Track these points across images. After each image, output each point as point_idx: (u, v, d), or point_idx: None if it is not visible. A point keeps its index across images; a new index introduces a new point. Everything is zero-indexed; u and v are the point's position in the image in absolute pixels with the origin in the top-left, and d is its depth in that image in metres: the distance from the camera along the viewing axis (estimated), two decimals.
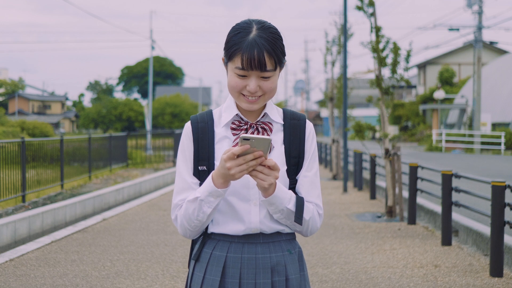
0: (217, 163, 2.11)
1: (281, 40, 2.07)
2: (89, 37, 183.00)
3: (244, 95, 2.07)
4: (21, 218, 9.00)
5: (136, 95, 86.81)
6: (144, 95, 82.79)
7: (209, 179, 2.03)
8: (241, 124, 2.13)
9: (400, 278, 6.04)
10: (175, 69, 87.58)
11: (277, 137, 2.15)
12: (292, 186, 2.15)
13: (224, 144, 2.13)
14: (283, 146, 2.15)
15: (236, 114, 2.14)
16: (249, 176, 2.06)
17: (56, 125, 63.54)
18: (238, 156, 1.93)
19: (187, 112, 59.37)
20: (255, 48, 2.00)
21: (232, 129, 2.13)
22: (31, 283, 5.86)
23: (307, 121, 2.21)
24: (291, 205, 2.07)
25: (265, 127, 2.13)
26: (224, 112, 2.16)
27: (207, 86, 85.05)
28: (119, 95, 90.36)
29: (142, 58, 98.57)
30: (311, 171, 2.18)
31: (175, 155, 23.26)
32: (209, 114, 2.18)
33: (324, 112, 62.79)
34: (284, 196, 2.05)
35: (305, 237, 2.24)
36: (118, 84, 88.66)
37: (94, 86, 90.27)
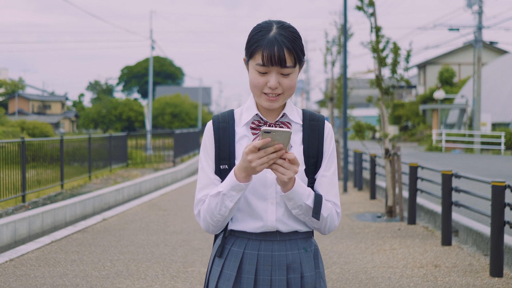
0: (237, 161, 2.16)
1: (300, 39, 2.14)
2: (89, 37, 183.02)
3: (265, 93, 2.12)
4: (21, 218, 9.00)
5: (136, 95, 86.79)
6: (144, 95, 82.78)
7: (231, 174, 2.08)
8: (260, 124, 2.19)
9: (400, 278, 6.04)
10: (175, 69, 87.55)
11: (296, 137, 2.21)
12: (311, 186, 2.21)
13: (243, 143, 2.19)
14: (301, 146, 2.21)
15: (256, 114, 2.20)
16: (267, 176, 2.14)
17: (56, 125, 63.52)
18: (260, 149, 1.98)
19: (187, 112, 59.38)
20: (275, 45, 2.06)
21: (252, 128, 2.19)
22: (31, 283, 5.86)
23: (326, 122, 2.27)
24: (310, 201, 2.12)
25: (284, 127, 2.19)
26: (245, 112, 2.23)
27: (207, 86, 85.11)
28: (119, 95, 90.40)
29: (142, 58, 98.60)
30: (330, 170, 2.23)
31: (175, 155, 23.26)
32: (231, 114, 2.24)
33: (324, 112, 62.75)
34: (303, 192, 2.10)
35: (323, 235, 2.27)
36: (118, 84, 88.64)
37: (94, 86, 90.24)
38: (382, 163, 13.69)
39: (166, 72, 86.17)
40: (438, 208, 9.29)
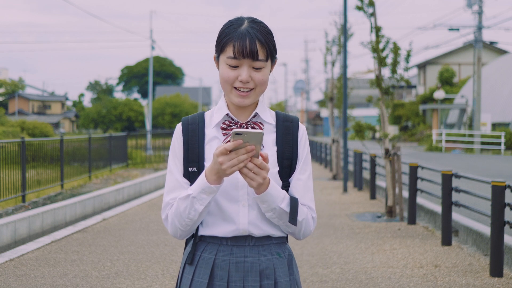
0: (206, 164, 2.09)
1: (272, 35, 2.08)
2: (89, 37, 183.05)
3: (236, 88, 2.06)
4: (21, 218, 9.00)
5: (136, 95, 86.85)
6: (144, 95, 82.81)
7: (202, 176, 2.01)
8: (231, 124, 2.11)
9: (400, 278, 6.04)
10: (175, 69, 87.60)
11: (269, 138, 2.13)
12: (285, 189, 2.13)
13: (213, 144, 2.11)
14: (275, 147, 2.13)
15: (227, 114, 2.12)
16: (238, 177, 2.06)
17: (56, 125, 63.54)
18: (231, 151, 1.91)
19: (187, 112, 59.37)
20: (247, 37, 2.01)
21: (223, 129, 2.12)
22: (31, 283, 5.86)
23: (300, 123, 2.19)
24: (284, 205, 2.04)
25: (256, 127, 2.12)
26: (215, 113, 2.15)
27: (207, 86, 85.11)
28: (119, 95, 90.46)
29: (142, 58, 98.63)
30: (305, 174, 2.16)
31: None
32: (201, 116, 2.17)
33: (324, 112, 62.76)
34: (277, 195, 2.03)
35: (298, 240, 2.20)
36: (118, 84, 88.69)
37: (94, 86, 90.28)
38: (382, 163, 13.69)
39: (166, 72, 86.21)
40: (438, 208, 9.29)
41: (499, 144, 29.90)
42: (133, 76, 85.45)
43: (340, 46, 17.72)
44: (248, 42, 2.00)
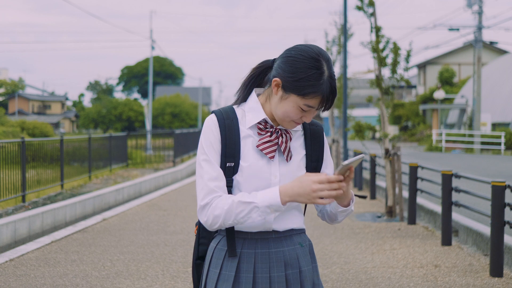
0: (241, 160, 2.16)
1: None
2: (89, 37, 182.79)
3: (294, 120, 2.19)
4: (21, 218, 9.00)
5: (136, 95, 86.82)
6: (144, 95, 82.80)
7: (274, 192, 2.08)
8: (266, 127, 2.20)
9: (400, 278, 6.04)
10: (175, 69, 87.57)
11: (297, 143, 2.25)
12: None
13: (247, 142, 2.19)
14: (304, 151, 2.26)
15: (263, 118, 2.22)
16: (271, 179, 2.17)
17: (56, 125, 63.52)
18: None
19: (187, 112, 59.39)
20: (331, 96, 2.12)
21: (259, 129, 2.19)
22: (31, 283, 5.86)
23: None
24: (352, 206, 2.30)
25: (287, 132, 2.23)
26: (248, 112, 2.22)
27: (207, 86, 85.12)
28: (119, 95, 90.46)
29: (142, 58, 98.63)
30: (328, 170, 2.35)
31: (175, 155, 23.25)
32: (232, 111, 2.23)
33: (324, 112, 62.76)
34: (352, 204, 2.27)
35: (330, 224, 2.41)
36: (118, 84, 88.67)
37: (94, 86, 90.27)
38: (382, 163, 13.69)
39: (166, 72, 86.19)
40: (438, 208, 9.29)
41: (499, 144, 29.89)
42: (133, 76, 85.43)
43: (340, 46, 17.74)
44: (331, 101, 2.13)
